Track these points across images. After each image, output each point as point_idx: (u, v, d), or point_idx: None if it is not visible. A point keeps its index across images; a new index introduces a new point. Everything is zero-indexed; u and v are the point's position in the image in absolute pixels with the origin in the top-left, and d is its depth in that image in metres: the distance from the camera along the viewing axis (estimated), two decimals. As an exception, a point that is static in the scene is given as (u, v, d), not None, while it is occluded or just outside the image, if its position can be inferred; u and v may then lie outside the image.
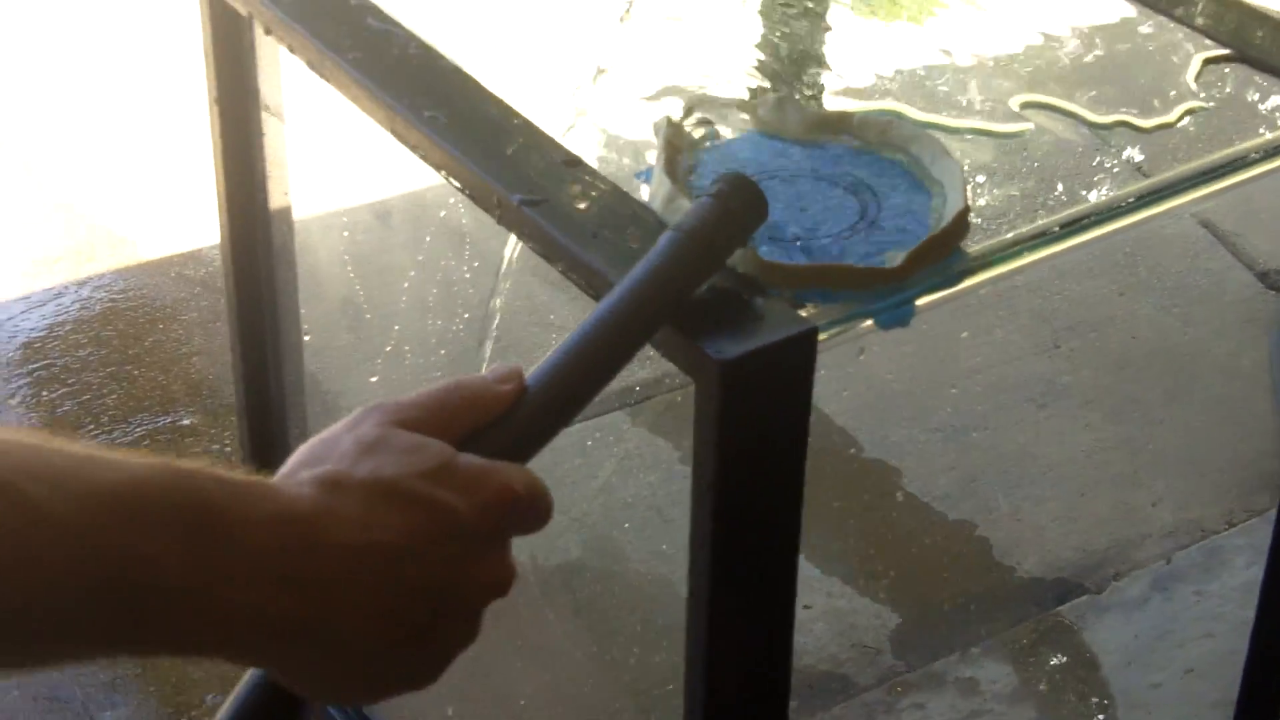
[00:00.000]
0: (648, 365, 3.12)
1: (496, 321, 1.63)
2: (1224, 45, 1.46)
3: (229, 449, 3.02)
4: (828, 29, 1.60)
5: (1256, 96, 1.43)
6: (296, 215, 1.67)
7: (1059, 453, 3.15)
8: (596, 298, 1.18)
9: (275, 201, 1.65)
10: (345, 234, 3.21)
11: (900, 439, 3.17)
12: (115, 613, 0.85)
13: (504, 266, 1.64)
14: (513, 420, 1.02)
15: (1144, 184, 1.35)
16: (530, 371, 1.04)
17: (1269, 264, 3.58)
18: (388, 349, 2.13)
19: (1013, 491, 3.06)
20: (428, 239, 3.25)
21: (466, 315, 2.42)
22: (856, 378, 3.24)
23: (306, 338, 1.71)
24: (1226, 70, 1.44)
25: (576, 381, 1.05)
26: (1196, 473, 3.10)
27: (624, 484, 3.04)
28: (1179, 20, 1.47)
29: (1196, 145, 1.37)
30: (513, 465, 0.99)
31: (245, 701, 0.97)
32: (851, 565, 2.90)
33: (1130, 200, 1.34)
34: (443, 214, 3.28)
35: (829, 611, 2.80)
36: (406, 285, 3.08)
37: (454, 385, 1.03)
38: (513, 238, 1.59)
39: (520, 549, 0.97)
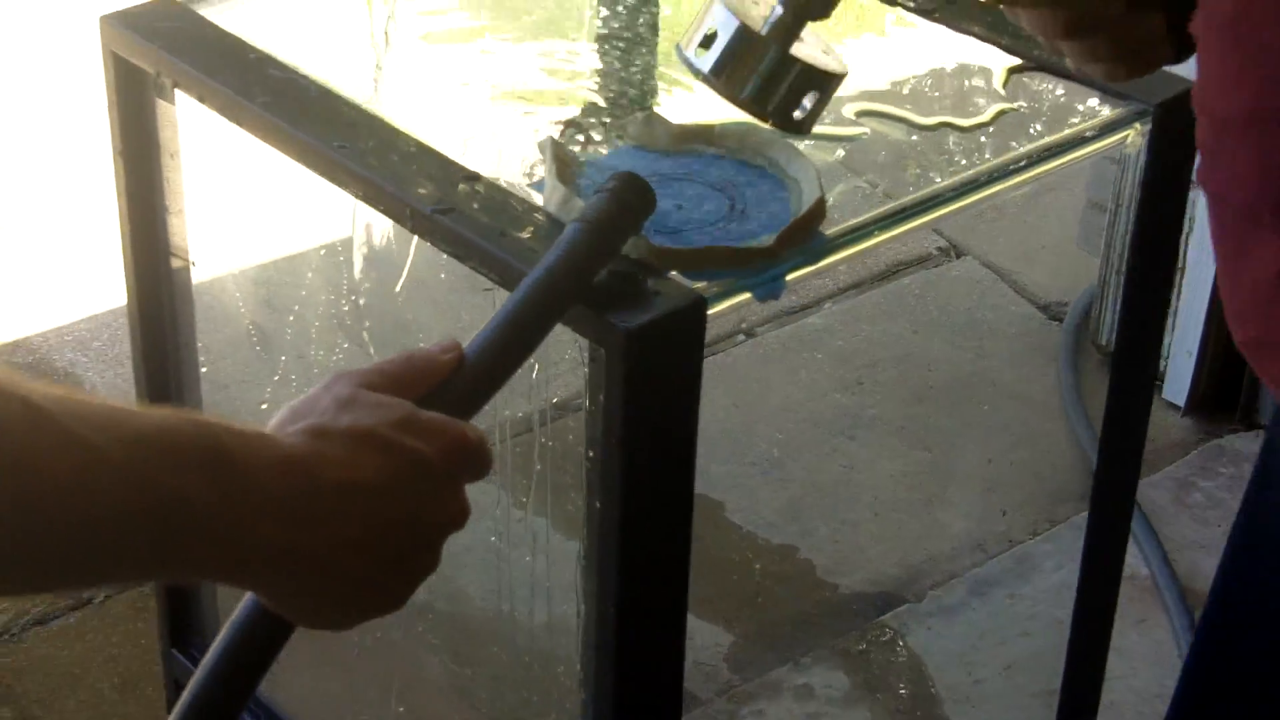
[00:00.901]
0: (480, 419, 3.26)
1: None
2: (1023, 57, 1.68)
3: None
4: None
5: (1053, 97, 1.65)
6: (194, 259, 1.82)
7: (871, 479, 3.35)
8: (509, 288, 1.35)
9: (176, 243, 1.80)
10: (237, 278, 3.35)
11: (721, 474, 3.34)
12: (153, 541, 0.99)
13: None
14: (456, 384, 1.19)
15: (968, 173, 1.55)
16: (466, 344, 1.21)
17: (1049, 297, 3.83)
18: (275, 378, 2.28)
19: (831, 516, 3.25)
20: (307, 288, 3.40)
21: (345, 345, 2.57)
22: (675, 421, 3.43)
23: (204, 369, 1.85)
24: (1027, 78, 1.66)
25: (506, 351, 1.23)
26: (999, 490, 3.31)
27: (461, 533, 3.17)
28: (984, 39, 1.69)
29: (1009, 140, 1.58)
30: (461, 420, 1.16)
31: (240, 627, 1.12)
32: (684, 593, 3.06)
33: (959, 186, 1.54)
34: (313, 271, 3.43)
35: (667, 634, 2.97)
36: (290, 320, 3.23)
37: (407, 355, 1.20)
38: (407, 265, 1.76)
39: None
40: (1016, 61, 1.67)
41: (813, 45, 1.35)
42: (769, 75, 1.32)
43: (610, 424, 1.35)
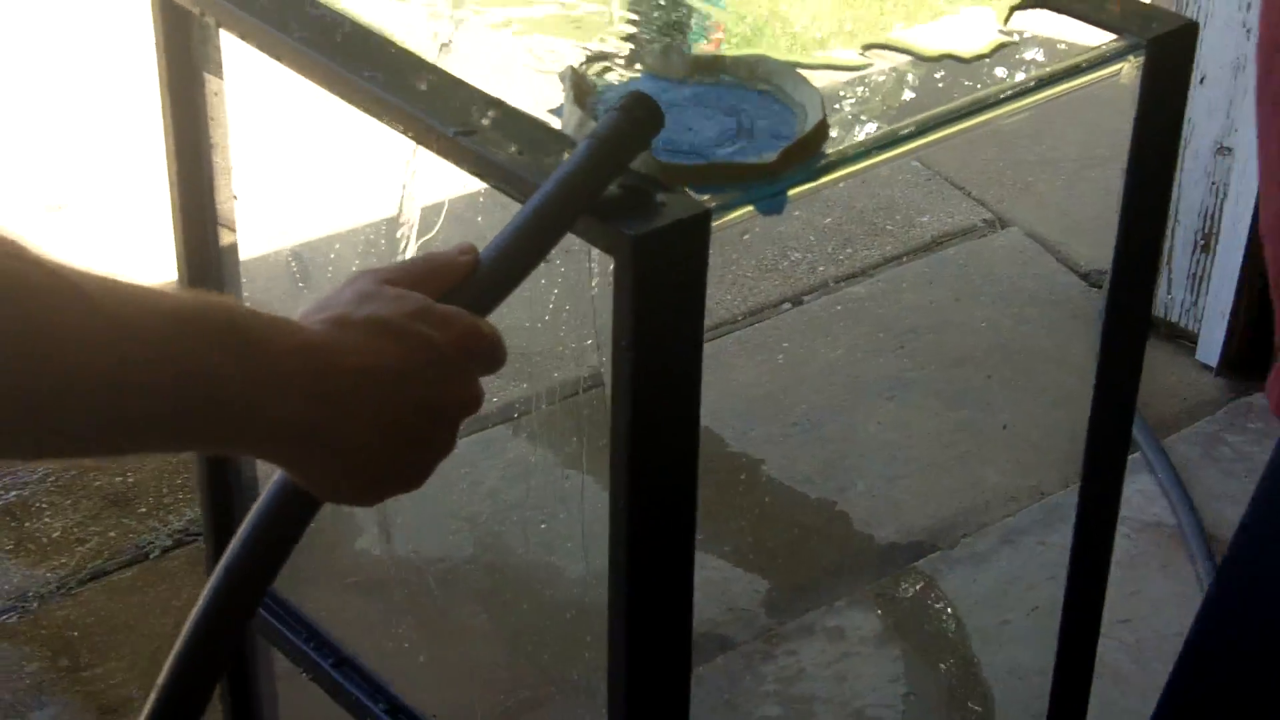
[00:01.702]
0: (528, 382, 3.38)
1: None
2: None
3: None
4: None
5: (1051, 32, 1.73)
6: (236, 193, 1.92)
7: (908, 438, 3.44)
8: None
9: (221, 177, 1.90)
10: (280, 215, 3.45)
11: (761, 435, 3.43)
12: (180, 411, 1.07)
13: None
14: (472, 283, 1.28)
15: (962, 99, 1.63)
16: (483, 248, 1.30)
17: (1090, 266, 3.89)
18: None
19: (868, 473, 3.34)
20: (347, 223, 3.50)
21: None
22: (716, 385, 3.51)
23: (246, 300, 1.95)
24: (1028, 14, 1.75)
25: (518, 255, 1.32)
26: (1033, 448, 3.39)
27: (508, 489, 3.27)
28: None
29: (1007, 71, 1.66)
30: (475, 315, 1.25)
31: (271, 500, 1.21)
32: (723, 544, 3.15)
33: (953, 111, 1.62)
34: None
35: (704, 583, 3.03)
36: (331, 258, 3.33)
37: (427, 255, 1.30)
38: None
39: (424, 550, 1.23)
40: (1018, -1, 1.75)
41: None
42: None
43: (621, 329, 1.43)
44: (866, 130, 1.61)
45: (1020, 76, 1.65)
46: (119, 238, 3.94)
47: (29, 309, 0.99)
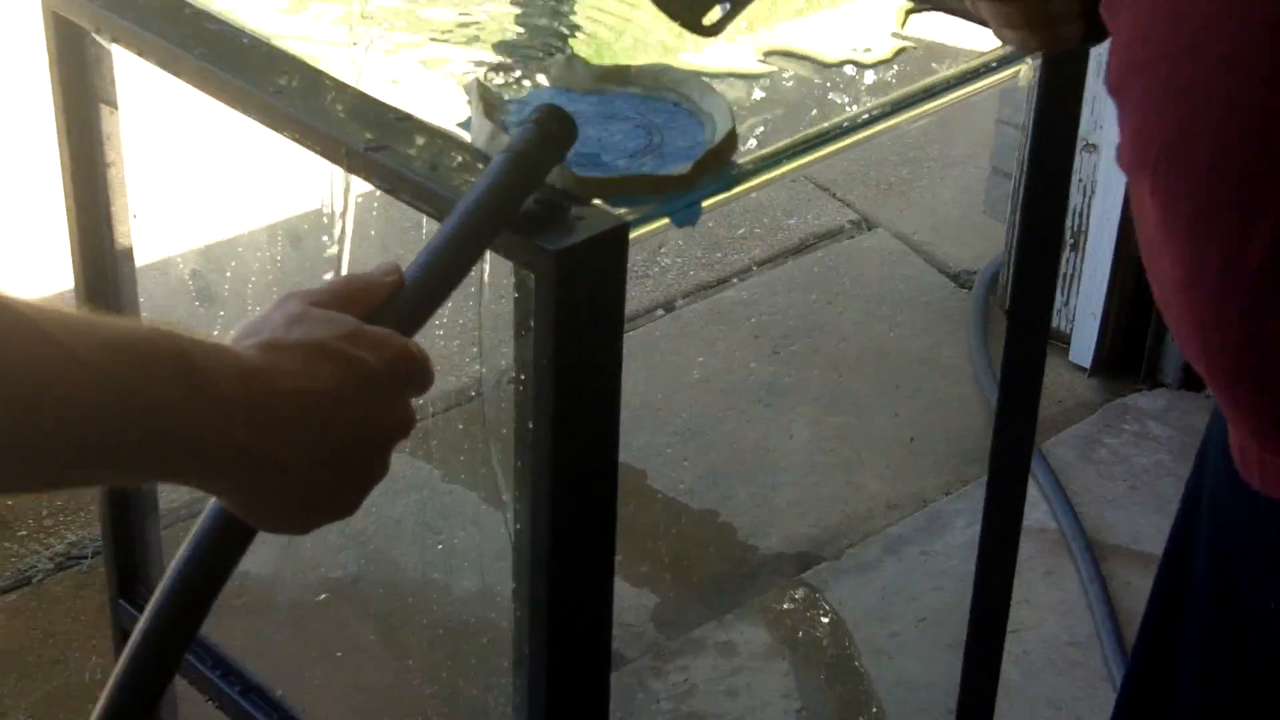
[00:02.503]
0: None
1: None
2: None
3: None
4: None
5: (949, 35, 1.74)
6: (135, 212, 1.89)
7: (787, 445, 3.44)
8: (441, 220, 1.42)
9: (117, 196, 1.86)
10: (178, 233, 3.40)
11: (642, 445, 3.42)
12: (123, 440, 1.04)
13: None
14: (398, 303, 1.27)
15: (868, 105, 1.64)
16: (405, 269, 1.29)
17: (959, 266, 3.93)
18: (215, 331, 2.34)
19: (750, 481, 3.34)
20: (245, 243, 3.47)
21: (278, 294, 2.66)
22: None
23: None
24: (925, 18, 1.76)
25: (442, 273, 1.30)
26: (912, 453, 3.41)
27: (392, 503, 3.25)
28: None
29: (908, 75, 1.67)
30: (404, 336, 1.24)
31: (205, 531, 1.19)
32: (609, 557, 3.14)
33: (859, 117, 1.63)
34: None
35: (592, 598, 3.04)
36: (229, 274, 3.29)
37: (351, 277, 1.28)
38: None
39: (308, 563, 1.22)
40: (911, 4, 1.76)
41: None
42: None
43: (541, 344, 1.42)
44: (774, 139, 1.60)
45: (921, 82, 1.66)
46: (13, 250, 3.87)
47: None
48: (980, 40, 1.72)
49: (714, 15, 1.39)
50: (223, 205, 3.64)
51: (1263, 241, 1.21)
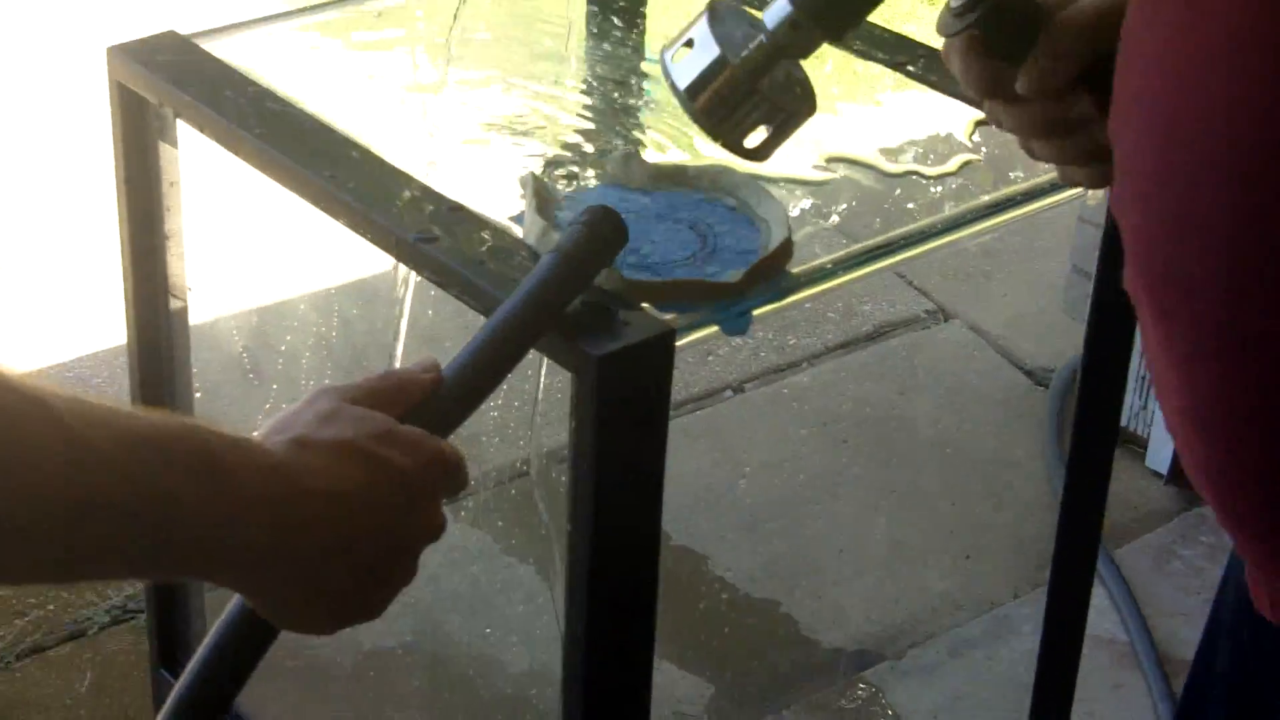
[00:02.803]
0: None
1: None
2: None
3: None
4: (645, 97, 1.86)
5: (1015, 151, 1.71)
6: (191, 286, 1.88)
7: (853, 538, 3.40)
8: (487, 315, 1.41)
9: (175, 271, 1.86)
10: (232, 310, 3.41)
11: (705, 529, 3.39)
12: (141, 536, 1.03)
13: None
14: (435, 402, 1.25)
15: (929, 219, 1.61)
16: (445, 366, 1.27)
17: (1035, 363, 3.88)
18: (266, 406, 2.34)
19: (813, 573, 3.29)
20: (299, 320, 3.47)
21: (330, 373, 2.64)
22: (660, 476, 3.47)
23: (198, 396, 1.91)
24: (992, 130, 1.73)
25: (483, 373, 1.29)
26: (980, 553, 3.36)
27: (450, 574, 3.23)
28: (953, 95, 1.75)
29: (972, 189, 1.64)
30: (438, 437, 1.22)
31: (226, 629, 1.17)
32: (667, 644, 3.11)
33: (920, 231, 1.60)
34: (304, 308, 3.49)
35: (648, 684, 3.01)
36: (282, 351, 3.30)
37: (388, 374, 1.26)
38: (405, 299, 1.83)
39: (358, 634, 1.20)
40: (982, 115, 1.73)
41: (788, 76, 1.39)
42: (732, 101, 1.36)
43: (582, 447, 1.40)
44: (831, 248, 1.58)
45: (985, 197, 1.63)
46: (62, 298, 3.88)
47: None
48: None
49: (757, 138, 1.37)
50: (279, 279, 3.64)
51: (1261, 367, 1.18)
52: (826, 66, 1.82)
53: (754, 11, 1.36)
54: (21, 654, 2.97)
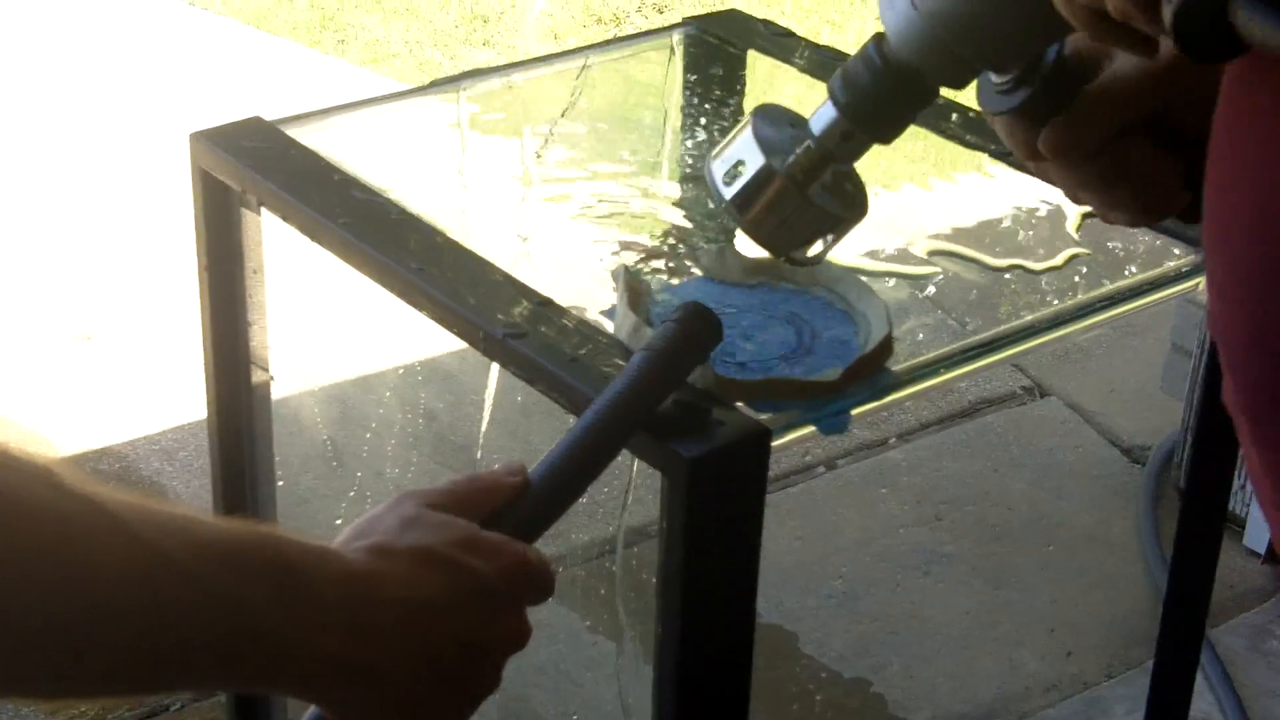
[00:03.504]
0: (552, 542, 3.31)
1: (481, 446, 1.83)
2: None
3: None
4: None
5: (1123, 243, 1.67)
6: (273, 373, 1.86)
7: (945, 615, 3.35)
8: (577, 413, 1.37)
9: (257, 356, 1.83)
10: (315, 394, 3.41)
11: (794, 606, 3.35)
12: (215, 647, 1.01)
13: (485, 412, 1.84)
14: (520, 507, 1.22)
15: (1034, 315, 1.57)
16: (532, 468, 1.24)
17: (1132, 441, 3.82)
18: (350, 494, 2.32)
19: (903, 651, 3.25)
20: (383, 405, 3.47)
21: (419, 462, 2.62)
22: (751, 551, 3.44)
23: (280, 483, 1.88)
24: (1099, 222, 1.68)
25: (570, 476, 1.25)
26: (1074, 631, 3.30)
27: (535, 650, 3.19)
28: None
29: (1079, 283, 1.59)
30: (523, 542, 1.18)
31: None
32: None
33: (1025, 328, 1.56)
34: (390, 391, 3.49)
35: (736, 764, 2.96)
36: (367, 437, 3.28)
37: (473, 477, 1.23)
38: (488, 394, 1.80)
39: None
40: (1089, 208, 1.69)
41: (837, 179, 1.35)
42: (781, 211, 1.33)
43: (672, 551, 1.37)
44: (931, 345, 1.54)
45: (1090, 293, 1.59)
46: (147, 370, 3.89)
47: (63, 538, 0.94)
48: (1156, 251, 1.65)
49: (815, 249, 1.34)
50: (362, 361, 3.64)
51: None
52: (916, 145, 1.78)
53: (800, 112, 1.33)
54: (107, 731, 2.97)
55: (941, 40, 1.20)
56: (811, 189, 1.32)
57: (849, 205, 1.36)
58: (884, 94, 1.25)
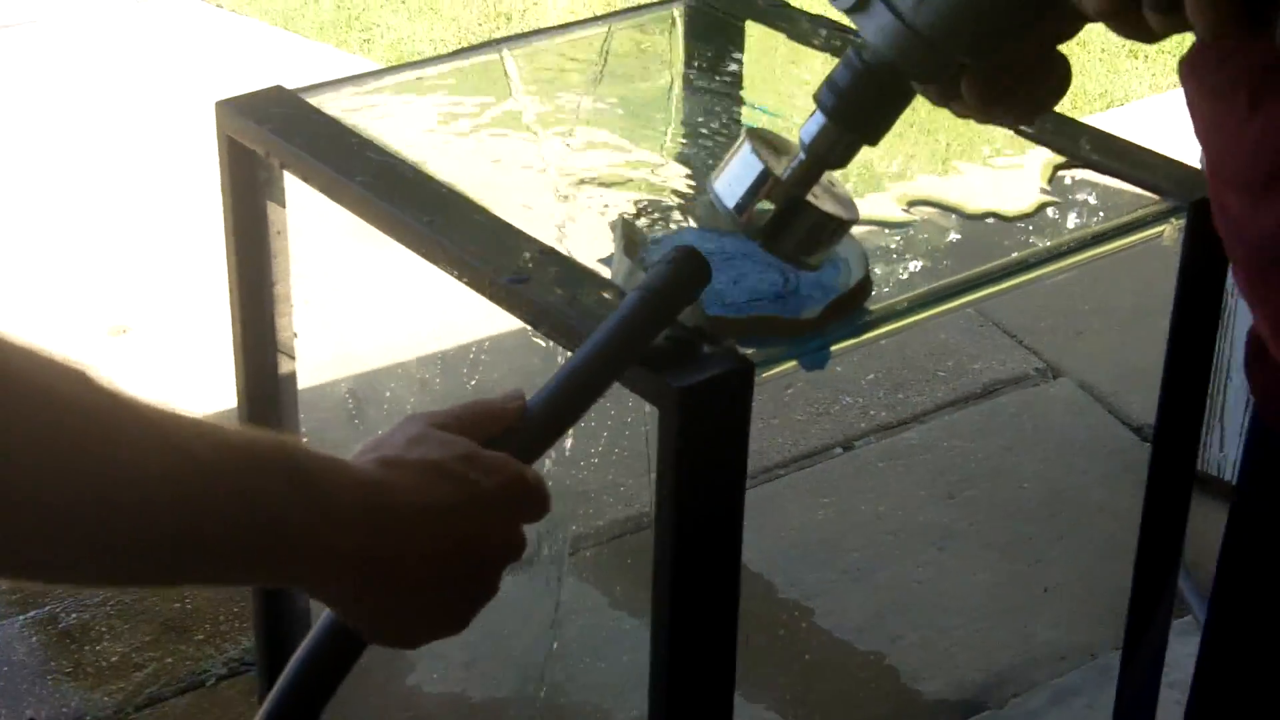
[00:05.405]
0: (577, 524, 3.40)
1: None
2: (1064, 154, 1.79)
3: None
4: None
5: (1094, 192, 1.75)
6: (296, 330, 1.96)
7: (959, 588, 3.42)
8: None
9: (282, 315, 1.94)
10: (338, 355, 3.50)
11: (812, 581, 3.42)
12: (241, 541, 1.10)
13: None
14: (518, 431, 1.31)
15: (1005, 258, 1.66)
16: (530, 396, 1.33)
17: (1143, 419, 3.89)
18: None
19: (918, 623, 3.32)
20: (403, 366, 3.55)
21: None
22: (767, 529, 3.52)
23: (304, 440, 1.97)
24: (1069, 174, 1.77)
25: (566, 403, 1.35)
26: (1085, 602, 3.37)
27: (560, 628, 3.28)
28: (1030, 138, 1.80)
29: (1050, 229, 1.68)
30: (521, 462, 1.28)
31: (318, 639, 1.23)
32: (772, 694, 3.15)
33: (995, 270, 1.65)
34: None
35: (753, 733, 3.05)
36: (388, 397, 3.37)
37: (474, 402, 1.33)
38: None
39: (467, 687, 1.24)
40: (1060, 158, 1.78)
41: (830, 188, 1.44)
42: (785, 219, 1.41)
43: (664, 477, 1.46)
44: (908, 287, 1.63)
45: (1061, 237, 1.67)
46: (181, 363, 3.97)
47: (95, 433, 1.02)
48: (1127, 199, 1.74)
49: (807, 247, 1.43)
50: (383, 326, 3.71)
51: None
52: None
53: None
54: (140, 705, 3.04)
55: (920, 36, 1.27)
56: (808, 195, 1.40)
57: (842, 209, 1.45)
58: (868, 95, 1.33)
